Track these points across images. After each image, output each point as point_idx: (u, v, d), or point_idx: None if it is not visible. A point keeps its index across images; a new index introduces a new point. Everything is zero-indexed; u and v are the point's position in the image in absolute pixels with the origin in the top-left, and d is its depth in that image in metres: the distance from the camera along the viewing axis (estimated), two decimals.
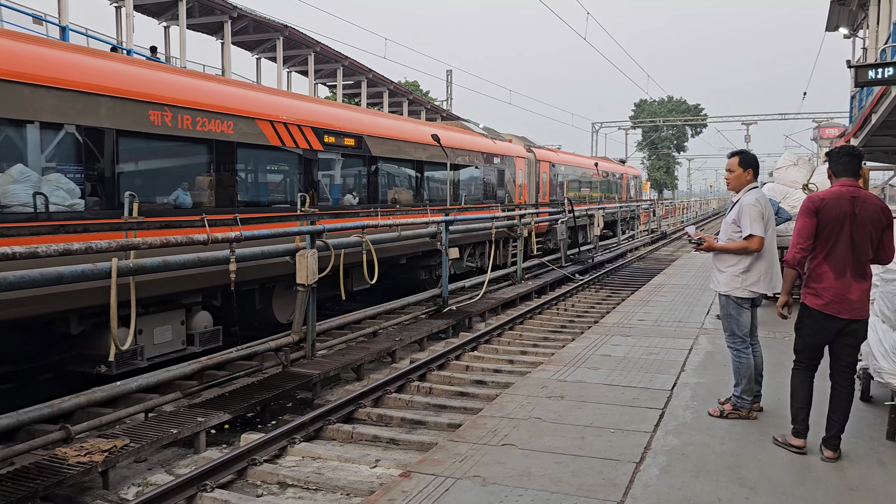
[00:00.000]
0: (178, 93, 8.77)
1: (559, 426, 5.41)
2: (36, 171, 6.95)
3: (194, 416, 7.02)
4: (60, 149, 7.33)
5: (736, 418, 5.49)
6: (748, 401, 5.52)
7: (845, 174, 4.71)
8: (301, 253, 8.97)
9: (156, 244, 6.70)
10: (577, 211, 21.88)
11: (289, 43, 23.48)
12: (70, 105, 7.23)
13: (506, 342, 11.72)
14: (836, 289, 4.51)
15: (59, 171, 7.24)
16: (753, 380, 5.49)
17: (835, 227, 4.53)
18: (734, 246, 5.38)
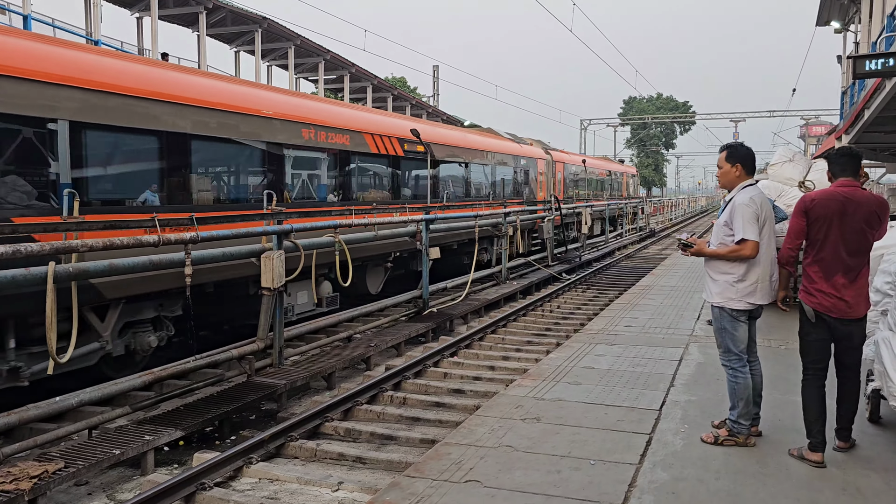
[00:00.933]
0: (314, 114, 11.64)
1: (533, 457, 4.80)
2: None
3: (142, 433, 6.44)
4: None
5: (732, 445, 4.91)
6: (745, 426, 4.92)
7: (844, 174, 4.73)
8: (266, 254, 8.40)
9: (97, 246, 6.10)
10: (564, 209, 21.44)
11: (268, 36, 22.80)
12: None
13: (487, 346, 11.18)
14: (826, 289, 4.55)
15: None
16: (751, 401, 4.90)
17: (822, 227, 4.58)
18: (725, 251, 4.79)
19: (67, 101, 7.15)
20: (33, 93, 6.83)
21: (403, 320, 12.26)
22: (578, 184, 29.96)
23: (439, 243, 14.53)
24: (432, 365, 9.78)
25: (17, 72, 6.72)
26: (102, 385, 7.11)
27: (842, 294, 4.50)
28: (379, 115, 15.32)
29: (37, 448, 6.20)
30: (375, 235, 11.06)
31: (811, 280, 4.61)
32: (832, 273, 4.53)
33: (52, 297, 5.88)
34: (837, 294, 4.50)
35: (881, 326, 4.95)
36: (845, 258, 4.52)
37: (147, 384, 7.55)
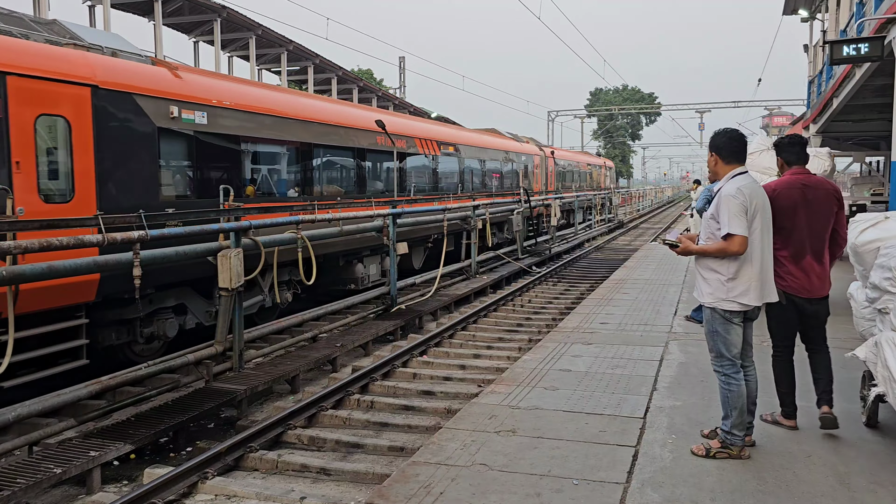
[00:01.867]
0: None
1: (509, 477, 4.35)
2: None
3: (88, 448, 5.96)
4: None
5: (725, 458, 4.52)
6: (739, 437, 4.53)
7: (798, 162, 5.01)
8: (223, 253, 7.93)
9: (33, 248, 5.60)
10: (533, 201, 21.19)
11: (228, 25, 22.08)
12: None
13: (458, 344, 10.84)
14: (796, 272, 4.77)
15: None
16: (746, 410, 4.52)
17: (788, 214, 4.76)
18: (712, 248, 4.44)
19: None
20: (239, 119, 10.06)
21: (371, 318, 11.86)
22: (566, 176, 33.93)
23: (409, 238, 14.17)
24: (401, 365, 9.41)
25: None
26: (44, 396, 6.59)
27: (810, 276, 4.78)
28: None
29: None
30: (340, 231, 10.63)
31: (780, 264, 4.76)
32: (801, 257, 4.78)
33: None
34: (806, 276, 4.77)
35: (881, 327, 4.67)
36: (812, 242, 4.78)
37: (95, 394, 7.05)
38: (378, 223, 11.94)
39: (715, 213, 4.47)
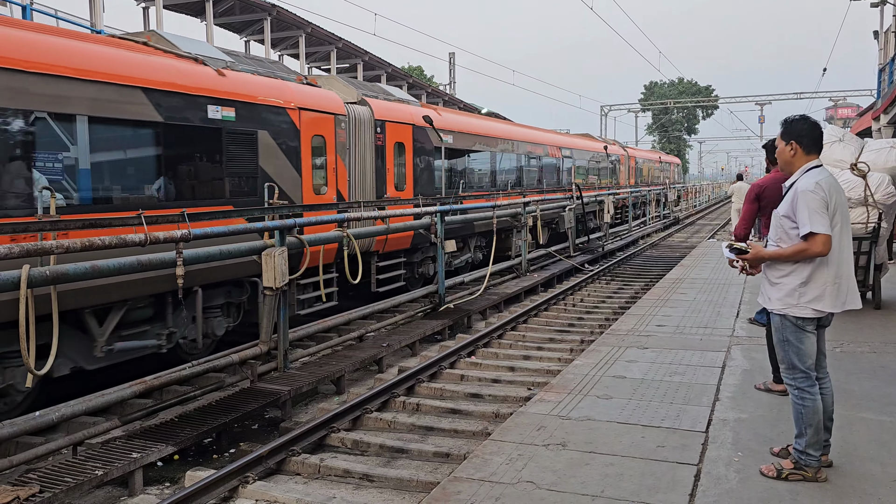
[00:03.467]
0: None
1: (558, 497, 4.01)
2: None
3: (131, 449, 5.90)
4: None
5: (799, 480, 4.07)
6: (815, 457, 4.08)
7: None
8: (268, 252, 7.82)
9: (75, 248, 5.55)
10: (586, 197, 20.72)
11: (278, 24, 22.20)
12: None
13: (507, 345, 10.54)
14: None
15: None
16: (822, 428, 4.07)
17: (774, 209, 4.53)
18: (789, 252, 3.99)
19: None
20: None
21: (419, 317, 11.66)
22: (644, 172, 37.84)
23: (457, 235, 13.95)
24: (448, 366, 9.18)
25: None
26: (89, 396, 6.58)
27: None
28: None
29: (14, 468, 5.67)
30: (388, 229, 10.45)
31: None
32: None
33: (24, 302, 5.34)
34: None
35: None
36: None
37: (139, 394, 7.01)
38: (426, 220, 11.73)
39: (790, 211, 4.02)
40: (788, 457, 4.26)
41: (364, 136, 12.05)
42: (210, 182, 8.74)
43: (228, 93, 8.90)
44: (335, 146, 11.01)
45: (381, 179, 12.51)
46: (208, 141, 8.65)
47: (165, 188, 8.08)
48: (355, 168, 11.85)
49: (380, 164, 12.41)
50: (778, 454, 4.42)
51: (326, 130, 10.81)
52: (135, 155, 7.89)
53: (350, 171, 11.64)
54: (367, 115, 12.26)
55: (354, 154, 11.79)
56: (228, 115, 8.87)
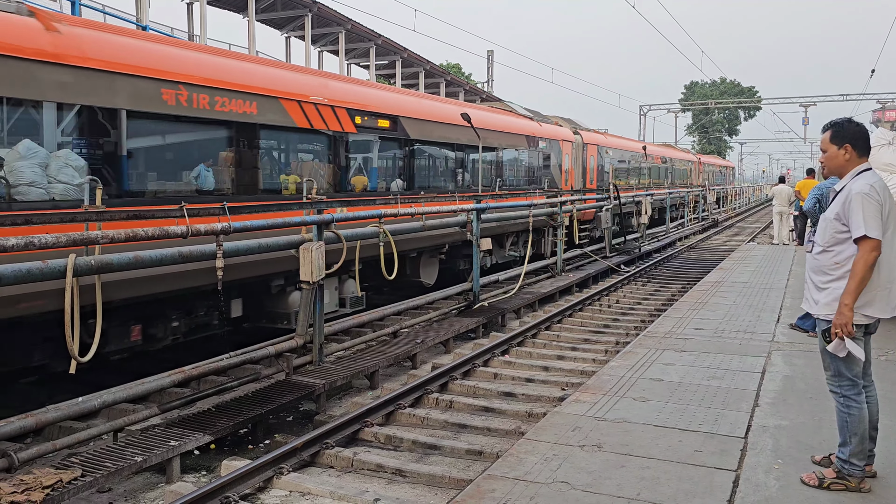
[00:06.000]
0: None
1: (593, 498, 3.97)
2: None
3: (169, 437, 6.01)
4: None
5: (841, 490, 3.98)
6: (859, 467, 3.98)
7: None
8: (305, 246, 7.89)
9: (119, 238, 5.66)
10: (623, 197, 20.53)
11: (318, 20, 22.37)
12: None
13: (541, 344, 10.49)
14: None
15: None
16: (867, 437, 3.97)
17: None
18: (859, 270, 3.75)
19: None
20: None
21: (453, 314, 11.67)
22: (702, 176, 41.78)
23: (492, 234, 13.93)
24: (482, 364, 9.16)
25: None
26: (129, 384, 6.72)
27: None
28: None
29: (57, 452, 5.82)
30: (423, 226, 10.47)
31: None
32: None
33: (69, 290, 5.47)
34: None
35: None
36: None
37: (178, 383, 7.14)
38: (461, 218, 11.73)
39: (842, 214, 3.91)
40: (830, 466, 4.16)
41: (580, 152, 21.13)
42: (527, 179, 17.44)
43: (544, 133, 18.56)
44: (571, 159, 20.24)
45: (584, 178, 21.19)
46: (543, 157, 18.39)
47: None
48: (579, 171, 20.96)
49: (583, 169, 21.50)
50: (819, 463, 4.32)
51: (567, 150, 20.11)
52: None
53: (576, 173, 20.65)
54: (580, 140, 21.48)
55: (579, 163, 21.01)
56: (544, 146, 18.43)
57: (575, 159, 20.96)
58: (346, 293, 10.36)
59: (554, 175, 19.09)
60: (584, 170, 21.90)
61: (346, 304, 10.34)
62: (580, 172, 21.56)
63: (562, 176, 19.67)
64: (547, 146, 18.49)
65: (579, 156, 21.34)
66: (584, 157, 21.83)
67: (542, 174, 18.23)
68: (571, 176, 20.58)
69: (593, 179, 22.68)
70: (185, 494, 5.17)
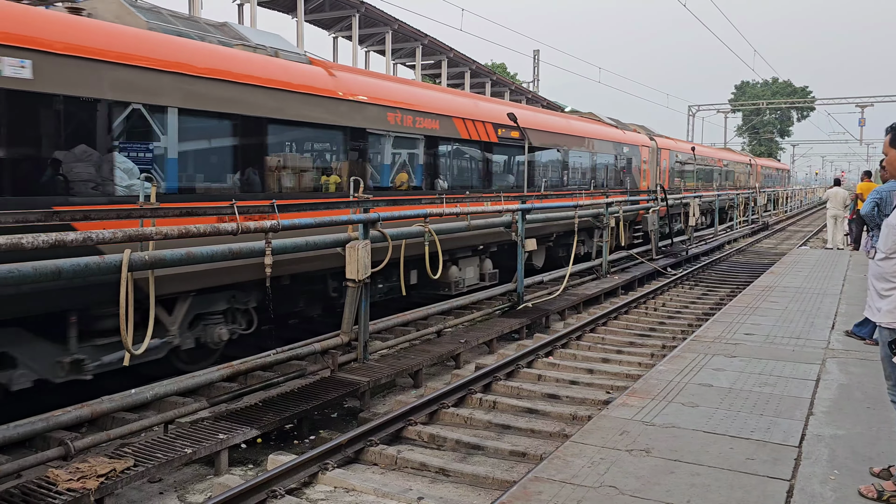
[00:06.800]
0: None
1: (642, 503, 3.93)
2: None
3: (218, 430, 6.12)
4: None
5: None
6: None
7: None
8: (351, 244, 7.95)
9: (172, 234, 5.79)
10: (670, 199, 20.23)
11: (365, 20, 22.57)
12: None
13: (585, 346, 10.39)
14: None
15: None
16: None
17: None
18: None
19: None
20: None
21: (497, 315, 11.64)
22: (758, 178, 42.42)
23: (536, 234, 13.86)
24: (525, 365, 9.12)
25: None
26: (179, 378, 6.87)
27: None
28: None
29: (109, 442, 5.98)
30: (468, 225, 10.46)
31: None
32: None
33: (124, 285, 5.61)
34: None
35: None
36: None
37: (226, 377, 7.27)
38: (506, 218, 11.69)
39: None
40: (890, 478, 4.02)
41: (655, 156, 22.89)
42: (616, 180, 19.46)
43: (627, 140, 20.49)
44: (648, 162, 22.21)
45: (657, 179, 22.65)
46: (627, 161, 20.33)
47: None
48: (654, 173, 22.48)
49: (658, 171, 23.05)
50: (878, 475, 4.17)
51: (644, 155, 21.95)
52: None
53: (652, 174, 22.37)
54: (655, 145, 23.15)
55: (653, 166, 22.63)
56: (628, 152, 20.46)
57: (650, 162, 23.16)
58: (486, 270, 13.23)
59: (635, 177, 21.70)
60: (658, 172, 24.00)
61: (485, 279, 13.17)
62: (655, 174, 23.64)
63: (640, 178, 22.21)
64: (629, 151, 21.10)
65: (654, 159, 23.45)
66: (658, 160, 23.87)
67: (625, 176, 20.76)
68: (648, 178, 22.99)
69: (665, 181, 24.79)
70: (232, 487, 5.25)
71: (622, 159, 20.31)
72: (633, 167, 21.30)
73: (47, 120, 6.19)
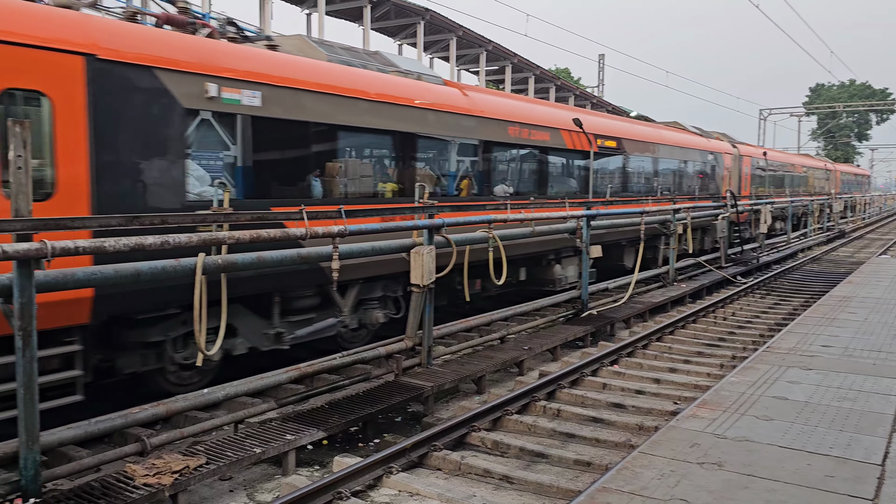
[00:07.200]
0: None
1: None
2: None
3: (285, 431, 6.25)
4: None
5: None
6: None
7: None
8: (416, 250, 8.01)
9: (244, 239, 5.95)
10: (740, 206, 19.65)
11: (430, 28, 22.76)
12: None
13: (652, 355, 10.19)
14: None
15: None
16: None
17: None
18: None
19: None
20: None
21: (560, 322, 11.54)
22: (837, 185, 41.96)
23: (601, 241, 13.68)
24: (590, 374, 9.00)
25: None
26: (249, 379, 7.05)
27: None
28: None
29: (183, 440, 6.17)
30: (532, 231, 10.41)
31: None
32: None
33: (198, 287, 5.79)
34: None
35: None
36: None
37: (293, 379, 7.41)
38: (571, 224, 11.58)
39: None
40: None
41: (737, 163, 23.22)
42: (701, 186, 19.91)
43: (711, 147, 21.25)
44: (730, 169, 22.48)
45: (740, 185, 23.20)
46: (711, 168, 20.97)
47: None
48: (735, 179, 22.81)
49: (740, 178, 23.74)
50: None
51: (727, 162, 22.37)
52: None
53: (735, 181, 22.70)
54: (737, 153, 23.60)
55: (735, 173, 22.90)
56: (711, 159, 21.34)
57: (733, 169, 23.57)
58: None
59: (718, 183, 22.14)
60: (740, 178, 24.43)
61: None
62: (737, 181, 24.12)
63: (723, 184, 22.54)
64: (713, 158, 21.77)
65: (736, 166, 23.92)
66: (740, 167, 24.31)
67: (709, 182, 21.48)
68: (731, 184, 23.27)
69: (747, 187, 25.48)
70: (300, 487, 5.35)
71: (707, 166, 21.27)
72: (717, 174, 22.05)
73: (270, 137, 7.74)
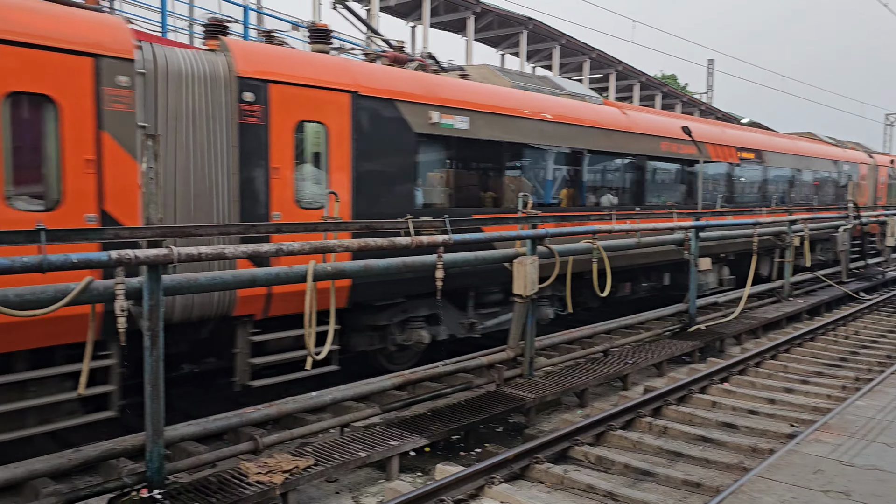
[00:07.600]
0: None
1: None
2: None
3: (389, 437, 6.36)
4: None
5: None
6: None
7: None
8: (519, 260, 7.98)
9: (352, 247, 6.12)
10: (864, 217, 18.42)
11: (533, 37, 22.71)
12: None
13: (765, 374, 9.69)
14: None
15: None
16: None
17: None
18: None
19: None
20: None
21: (667, 336, 11.18)
22: None
23: (710, 253, 13.18)
24: (698, 391, 8.66)
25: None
26: (355, 384, 7.21)
27: None
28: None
29: (291, 440, 6.39)
30: (638, 243, 10.15)
31: None
32: None
33: (310, 294, 5.99)
34: None
35: None
36: None
37: (397, 386, 7.54)
38: (678, 236, 11.21)
39: None
40: None
41: (873, 173, 22.85)
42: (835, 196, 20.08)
43: (847, 157, 21.39)
44: (866, 179, 22.28)
45: (875, 195, 23.06)
46: (846, 178, 20.67)
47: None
48: (871, 189, 22.52)
49: (876, 188, 23.38)
50: None
51: (863, 172, 22.19)
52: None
53: (871, 191, 22.35)
54: (874, 162, 23.08)
55: (871, 182, 22.57)
56: (848, 169, 21.24)
57: (868, 179, 23.36)
58: (723, 275, 14.68)
59: (853, 193, 21.41)
60: (875, 188, 24.11)
61: (722, 283, 14.57)
62: (873, 191, 23.81)
63: (859, 194, 21.81)
64: (849, 169, 21.74)
65: (872, 176, 23.62)
66: (877, 177, 24.04)
67: (845, 191, 20.83)
68: (866, 194, 23.23)
69: (882, 197, 25.20)
70: (403, 493, 5.43)
71: (843, 176, 21.33)
72: (854, 184, 21.18)
73: (475, 154, 9.70)
